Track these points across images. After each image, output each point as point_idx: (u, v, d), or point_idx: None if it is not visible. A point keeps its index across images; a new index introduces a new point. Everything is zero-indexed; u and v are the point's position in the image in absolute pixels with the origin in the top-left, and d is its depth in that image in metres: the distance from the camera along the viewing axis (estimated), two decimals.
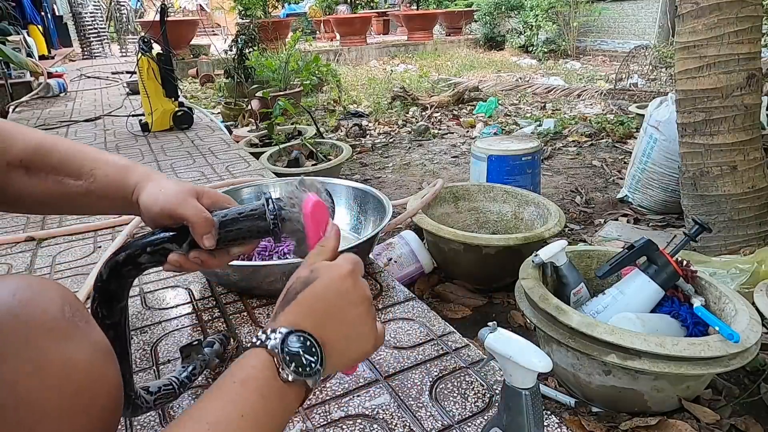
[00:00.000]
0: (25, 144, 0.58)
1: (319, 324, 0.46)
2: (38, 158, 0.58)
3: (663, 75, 4.67)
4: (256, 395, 0.42)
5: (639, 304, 1.18)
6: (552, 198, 2.36)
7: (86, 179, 0.60)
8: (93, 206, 0.63)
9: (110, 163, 0.61)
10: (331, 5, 11.92)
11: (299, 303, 0.47)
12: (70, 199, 0.61)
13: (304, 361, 0.44)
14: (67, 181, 0.59)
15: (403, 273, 1.62)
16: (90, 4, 8.01)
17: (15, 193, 0.59)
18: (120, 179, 0.60)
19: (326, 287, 0.48)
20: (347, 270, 0.50)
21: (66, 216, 1.72)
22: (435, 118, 4.28)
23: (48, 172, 0.59)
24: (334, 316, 0.48)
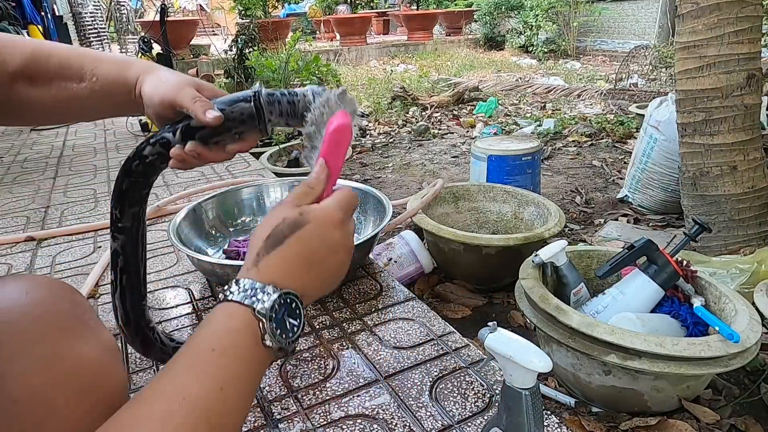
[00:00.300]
0: (22, 53, 0.57)
1: (303, 276, 0.45)
2: (37, 65, 0.58)
3: (663, 75, 4.66)
4: (238, 365, 0.39)
5: (639, 304, 1.18)
6: (552, 198, 2.36)
7: (89, 80, 0.59)
8: (97, 109, 0.62)
9: (110, 60, 0.60)
10: (331, 5, 11.92)
11: (287, 250, 0.44)
12: (75, 104, 0.60)
13: (288, 326, 0.42)
14: (70, 85, 0.59)
15: (403, 273, 1.62)
16: (90, 4, 8.00)
17: (21, 104, 0.58)
18: (122, 75, 0.59)
19: (316, 236, 0.46)
20: (339, 218, 0.47)
21: (66, 216, 1.72)
22: (435, 118, 4.28)
23: (50, 78, 0.58)
24: (318, 266, 0.46)
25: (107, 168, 2.29)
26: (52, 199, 1.91)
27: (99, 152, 2.58)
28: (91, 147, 2.70)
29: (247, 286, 0.42)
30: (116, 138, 2.86)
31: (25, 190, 2.03)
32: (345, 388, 0.86)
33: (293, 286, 0.43)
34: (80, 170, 2.28)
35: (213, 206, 1.37)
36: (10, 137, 3.08)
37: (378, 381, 0.88)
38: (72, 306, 0.47)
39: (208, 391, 0.37)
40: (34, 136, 3.08)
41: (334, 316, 1.07)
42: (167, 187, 1.97)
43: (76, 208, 1.79)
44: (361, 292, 1.16)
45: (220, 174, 2.09)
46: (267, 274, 0.43)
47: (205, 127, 0.54)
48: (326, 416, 0.80)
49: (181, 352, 0.40)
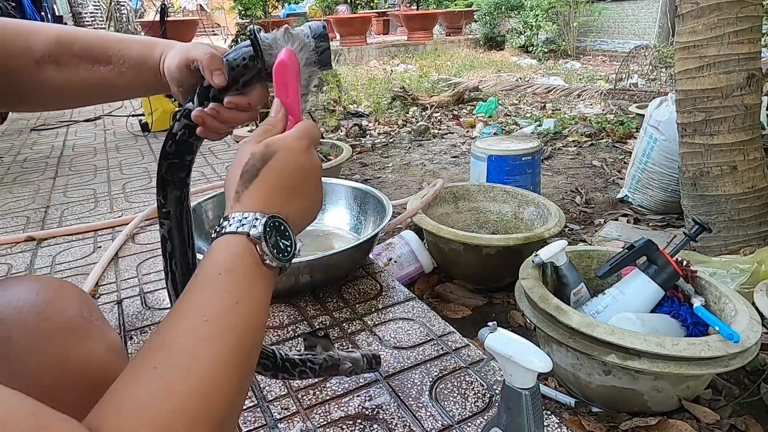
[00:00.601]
0: (46, 38, 0.58)
1: (285, 202, 0.46)
2: (63, 49, 0.58)
3: (663, 75, 4.67)
4: (246, 282, 0.41)
5: (639, 304, 1.18)
6: (552, 198, 2.36)
7: (116, 63, 0.59)
8: (126, 90, 0.62)
9: (136, 42, 0.61)
10: (331, 5, 11.92)
11: (264, 182, 0.46)
12: (104, 86, 0.60)
13: (282, 247, 0.44)
14: (97, 68, 0.59)
15: (403, 273, 1.62)
16: (90, 4, 8.01)
17: (51, 89, 0.59)
18: (148, 56, 0.60)
19: (287, 163, 0.47)
20: (305, 143, 0.49)
21: (66, 216, 1.72)
22: (435, 118, 4.28)
23: (77, 62, 0.58)
24: (296, 191, 0.47)
25: (107, 168, 2.29)
26: (52, 199, 1.91)
27: (99, 152, 2.58)
28: (91, 147, 2.70)
29: (236, 218, 0.43)
30: (116, 138, 2.86)
31: (25, 190, 2.03)
32: (345, 388, 0.86)
33: (278, 211, 0.45)
34: (80, 170, 2.28)
35: (213, 206, 1.37)
36: (10, 137, 3.08)
37: (378, 381, 0.87)
38: (80, 306, 0.48)
39: (225, 306, 0.38)
40: (34, 136, 3.08)
41: (334, 316, 1.07)
42: None
43: (76, 208, 1.79)
44: (361, 292, 1.16)
45: (220, 174, 2.09)
46: (251, 204, 0.44)
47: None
48: (326, 416, 0.80)
49: (190, 283, 0.41)
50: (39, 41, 0.57)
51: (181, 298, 0.39)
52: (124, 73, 0.59)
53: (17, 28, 0.57)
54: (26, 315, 0.44)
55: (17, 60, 0.56)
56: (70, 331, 0.45)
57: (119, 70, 0.59)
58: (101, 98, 0.63)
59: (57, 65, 0.57)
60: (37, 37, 0.57)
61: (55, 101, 0.61)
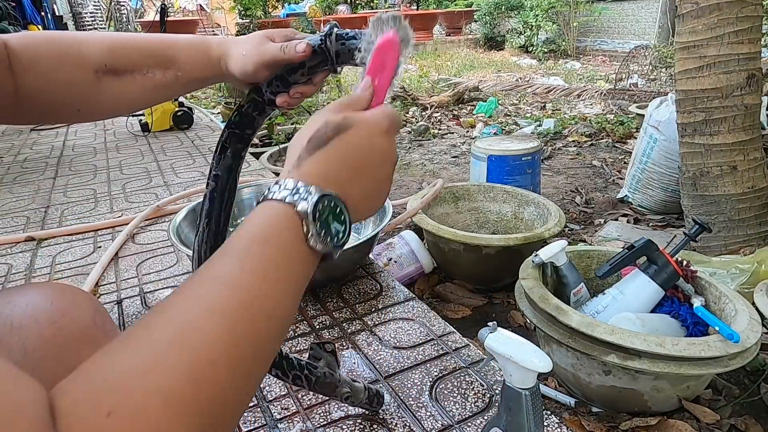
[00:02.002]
0: (100, 47, 0.57)
1: (348, 182, 0.41)
2: (118, 58, 0.57)
3: (663, 75, 4.66)
4: (280, 254, 0.35)
5: (639, 304, 1.18)
6: (552, 198, 2.36)
7: (173, 67, 0.59)
8: (180, 90, 0.63)
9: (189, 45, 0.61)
10: (331, 5, 11.93)
11: (331, 153, 0.41)
12: (162, 91, 0.61)
13: (333, 231, 0.38)
14: (154, 73, 0.59)
15: (403, 273, 1.62)
16: (90, 4, 8.01)
17: (109, 99, 0.58)
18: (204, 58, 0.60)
19: (361, 140, 0.42)
20: (385, 126, 0.44)
21: (66, 216, 1.72)
22: (435, 118, 4.28)
23: (133, 69, 0.58)
24: (363, 173, 0.42)
25: (107, 168, 2.29)
26: (52, 199, 1.91)
27: (99, 152, 2.58)
28: (91, 147, 2.70)
29: (288, 186, 0.38)
30: (116, 138, 2.86)
31: (25, 190, 2.03)
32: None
33: (337, 190, 0.39)
34: (80, 170, 2.28)
35: None
36: (10, 137, 3.08)
37: (378, 381, 0.87)
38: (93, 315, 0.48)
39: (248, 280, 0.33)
40: (34, 136, 3.08)
41: (334, 316, 1.07)
42: (167, 187, 1.97)
43: (76, 208, 1.79)
44: (361, 292, 1.16)
45: None
46: (309, 175, 0.39)
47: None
48: (326, 416, 0.80)
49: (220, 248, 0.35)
50: (93, 51, 0.57)
51: (206, 263, 0.34)
52: (180, 76, 0.60)
53: (69, 40, 0.57)
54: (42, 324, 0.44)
55: (75, 72, 0.56)
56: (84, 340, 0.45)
57: (174, 74, 0.59)
58: (157, 101, 0.64)
59: (115, 74, 0.57)
60: (90, 48, 0.57)
61: (113, 110, 0.61)
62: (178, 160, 2.32)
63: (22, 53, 0.54)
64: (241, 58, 0.58)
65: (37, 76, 0.54)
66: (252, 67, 0.57)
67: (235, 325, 0.30)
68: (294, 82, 0.59)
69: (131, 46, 0.59)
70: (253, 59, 0.57)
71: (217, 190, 0.63)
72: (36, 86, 0.54)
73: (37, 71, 0.54)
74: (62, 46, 0.56)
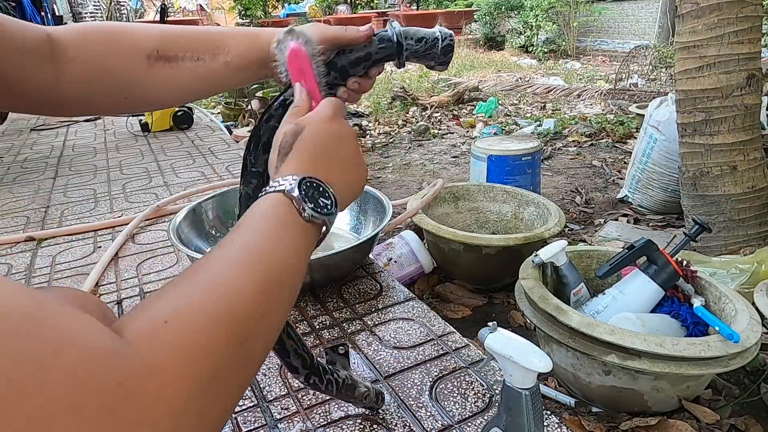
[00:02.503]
0: (152, 35, 0.58)
1: (321, 167, 0.47)
2: (169, 45, 0.58)
3: (663, 75, 4.66)
4: (280, 224, 0.42)
5: (639, 304, 1.18)
6: (552, 198, 2.36)
7: (222, 54, 0.60)
8: (231, 81, 0.63)
9: (239, 34, 0.62)
10: (331, 5, 11.93)
11: (297, 151, 0.48)
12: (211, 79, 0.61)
13: (321, 203, 0.44)
14: (204, 61, 0.60)
15: (403, 273, 1.62)
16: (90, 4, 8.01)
17: (160, 86, 0.59)
18: (254, 47, 0.61)
19: (316, 134, 0.49)
20: (330, 114, 0.51)
21: (66, 216, 1.72)
22: (435, 118, 4.28)
23: (183, 56, 0.59)
24: (331, 157, 0.49)
25: (107, 168, 2.29)
26: (52, 199, 1.91)
27: (99, 152, 2.58)
28: (91, 147, 2.70)
29: (274, 183, 0.45)
30: (116, 138, 2.86)
31: (25, 190, 2.03)
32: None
33: (312, 172, 0.46)
34: (80, 170, 2.28)
35: (213, 206, 1.37)
36: (10, 137, 3.08)
37: (378, 381, 0.87)
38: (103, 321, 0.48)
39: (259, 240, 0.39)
40: (34, 136, 3.08)
41: (334, 316, 1.07)
42: (167, 187, 1.97)
43: (76, 208, 1.79)
44: (361, 292, 1.16)
45: (220, 174, 2.09)
46: (286, 171, 0.46)
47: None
48: (326, 416, 0.80)
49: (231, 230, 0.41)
50: (145, 38, 0.57)
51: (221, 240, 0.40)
52: (229, 63, 0.60)
53: (119, 27, 0.58)
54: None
55: (128, 58, 0.56)
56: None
57: (225, 61, 0.60)
58: (206, 91, 0.64)
59: (166, 60, 0.58)
60: (141, 35, 0.58)
61: (161, 99, 0.61)
62: (178, 160, 2.32)
63: (69, 42, 0.54)
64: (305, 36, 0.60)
65: (86, 63, 0.55)
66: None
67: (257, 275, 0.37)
68: (354, 74, 0.60)
69: (180, 33, 0.60)
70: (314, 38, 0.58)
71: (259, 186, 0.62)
72: (84, 74, 0.55)
73: (87, 58, 0.55)
74: (113, 33, 0.57)
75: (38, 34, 0.53)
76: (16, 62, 0.51)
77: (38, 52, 0.52)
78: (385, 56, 0.60)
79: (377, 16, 11.30)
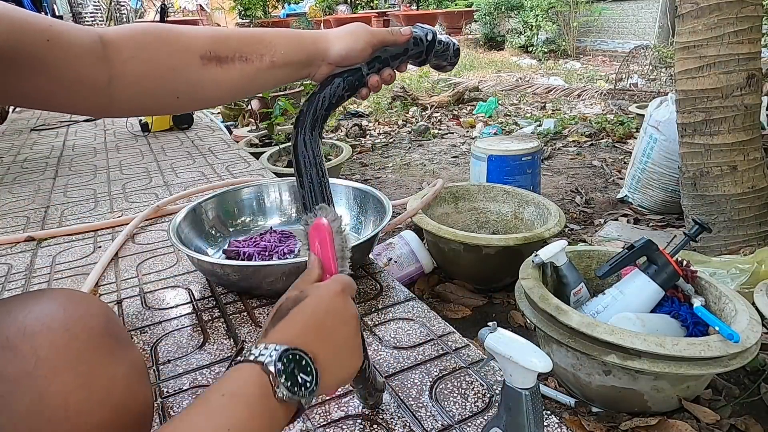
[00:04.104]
0: (203, 36, 0.60)
1: (311, 341, 0.46)
2: (220, 46, 0.60)
3: (663, 75, 4.66)
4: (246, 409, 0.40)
5: (639, 304, 1.18)
6: (552, 198, 2.36)
7: (268, 53, 0.62)
8: (275, 79, 0.65)
9: (284, 35, 0.64)
10: (331, 5, 11.92)
11: (291, 320, 0.47)
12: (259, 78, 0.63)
13: (300, 380, 0.42)
14: (252, 60, 0.62)
15: (403, 273, 1.62)
16: (90, 4, 8.02)
17: (211, 85, 0.60)
18: (299, 46, 0.64)
19: (317, 305, 0.48)
20: (337, 289, 0.51)
21: (66, 216, 1.72)
22: (435, 118, 4.28)
23: (233, 57, 0.60)
24: (325, 333, 0.47)
25: (107, 168, 2.29)
26: (52, 199, 1.91)
27: (99, 152, 2.58)
28: (91, 147, 2.70)
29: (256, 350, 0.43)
30: (116, 138, 2.86)
31: (25, 190, 2.03)
32: (345, 387, 0.86)
33: (300, 344, 0.44)
34: (80, 170, 2.28)
35: (213, 206, 1.37)
36: (10, 137, 3.08)
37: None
38: (106, 323, 0.48)
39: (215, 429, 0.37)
40: (34, 136, 3.08)
41: None
42: (167, 187, 1.97)
43: (76, 208, 1.79)
44: (361, 292, 1.16)
45: (220, 174, 2.09)
46: (273, 338, 0.44)
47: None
48: (326, 416, 0.80)
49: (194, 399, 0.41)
50: (197, 39, 0.59)
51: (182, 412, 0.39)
52: (275, 62, 0.63)
53: (172, 29, 0.59)
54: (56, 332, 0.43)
55: (182, 58, 0.58)
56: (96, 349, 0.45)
57: (271, 60, 0.62)
58: (252, 90, 0.66)
59: (218, 61, 0.60)
60: (194, 36, 0.60)
61: (212, 97, 0.63)
62: (178, 160, 2.32)
63: (123, 43, 0.55)
64: (349, 36, 0.64)
65: (141, 62, 0.56)
66: (362, 45, 0.64)
67: None
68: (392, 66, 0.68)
69: (229, 35, 0.62)
70: (364, 37, 0.64)
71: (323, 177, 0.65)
72: (139, 73, 0.56)
73: (142, 58, 0.56)
74: (167, 35, 0.58)
75: (90, 36, 0.54)
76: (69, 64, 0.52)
77: (91, 54, 0.53)
78: (416, 53, 0.68)
79: (377, 16, 11.30)
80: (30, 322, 0.43)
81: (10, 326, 0.42)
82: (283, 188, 1.48)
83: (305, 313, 0.47)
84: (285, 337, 0.45)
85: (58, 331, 0.43)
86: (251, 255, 1.23)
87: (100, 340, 0.45)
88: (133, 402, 0.45)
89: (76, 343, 0.43)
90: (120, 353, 0.47)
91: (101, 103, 0.56)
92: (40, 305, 0.46)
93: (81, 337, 0.44)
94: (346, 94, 0.67)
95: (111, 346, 0.46)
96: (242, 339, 0.98)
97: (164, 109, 0.62)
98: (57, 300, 0.47)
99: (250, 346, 0.44)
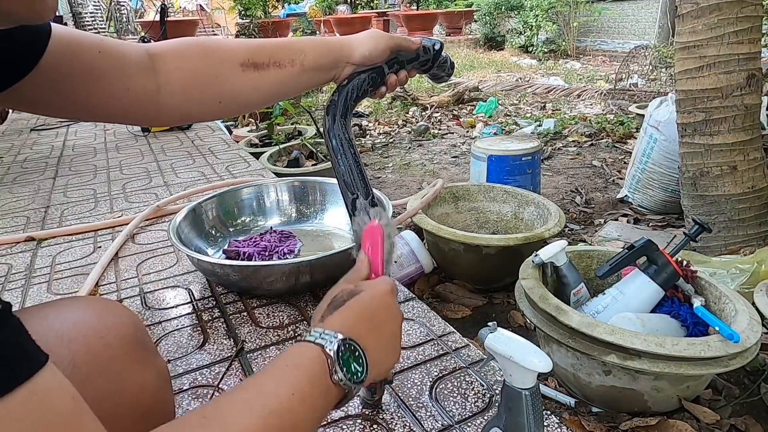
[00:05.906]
0: (241, 46, 0.65)
1: (363, 333, 0.49)
2: (257, 54, 0.65)
3: (663, 75, 4.66)
4: (307, 382, 0.43)
5: (639, 304, 1.18)
6: (552, 198, 2.36)
7: (299, 58, 0.67)
8: (306, 83, 0.70)
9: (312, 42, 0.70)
10: (331, 5, 11.92)
11: (348, 309, 0.51)
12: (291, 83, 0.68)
13: (353, 369, 0.46)
14: (285, 66, 0.67)
15: (403, 273, 1.62)
16: (90, 4, 8.00)
17: (250, 90, 0.65)
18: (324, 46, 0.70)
19: (372, 299, 0.53)
20: (389, 288, 0.56)
21: (66, 216, 1.72)
22: (435, 118, 4.28)
23: (268, 63, 0.65)
24: (376, 327, 0.52)
25: (107, 168, 2.29)
26: (52, 199, 1.91)
27: (99, 152, 2.58)
28: (91, 147, 2.70)
29: (316, 332, 0.47)
30: (116, 138, 2.86)
31: (25, 190, 2.03)
32: None
33: (355, 335, 0.48)
34: (80, 170, 2.28)
35: (213, 206, 1.37)
36: (10, 137, 3.08)
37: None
38: (135, 332, 0.50)
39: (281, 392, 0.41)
40: (34, 136, 3.08)
41: None
42: (167, 187, 1.97)
43: (76, 208, 1.79)
44: None
45: (220, 174, 2.09)
46: (332, 326, 0.48)
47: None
48: (326, 416, 0.80)
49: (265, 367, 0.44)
50: (236, 49, 0.65)
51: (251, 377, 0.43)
52: (306, 68, 0.68)
53: (214, 41, 0.65)
54: (90, 340, 0.45)
55: (224, 66, 0.63)
56: (127, 357, 0.46)
57: (301, 66, 0.67)
58: (286, 94, 0.71)
59: (256, 68, 0.65)
60: (232, 46, 0.65)
61: (251, 101, 0.68)
62: (178, 160, 2.32)
63: (169, 55, 0.61)
64: (371, 39, 0.70)
65: (187, 71, 0.61)
66: (382, 46, 0.70)
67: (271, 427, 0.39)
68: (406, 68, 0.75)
69: (263, 44, 0.67)
70: (384, 41, 0.71)
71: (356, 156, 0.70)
72: (185, 82, 0.61)
73: (188, 67, 0.62)
74: (209, 45, 0.64)
75: (137, 49, 0.59)
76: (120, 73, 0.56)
77: (139, 64, 0.58)
78: (424, 60, 0.76)
79: (377, 16, 11.29)
80: (66, 328, 0.45)
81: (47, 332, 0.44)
82: (283, 188, 1.47)
83: (361, 305, 0.52)
84: (342, 325, 0.48)
85: (93, 338, 0.45)
86: (251, 255, 1.23)
87: (131, 347, 0.47)
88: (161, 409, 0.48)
89: (109, 350, 0.45)
90: (148, 361, 0.48)
91: (150, 111, 0.60)
92: (75, 313, 0.47)
93: (113, 344, 0.46)
94: (369, 88, 0.73)
95: (140, 354, 0.48)
96: (242, 339, 0.98)
97: (208, 115, 0.67)
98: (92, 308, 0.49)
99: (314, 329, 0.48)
